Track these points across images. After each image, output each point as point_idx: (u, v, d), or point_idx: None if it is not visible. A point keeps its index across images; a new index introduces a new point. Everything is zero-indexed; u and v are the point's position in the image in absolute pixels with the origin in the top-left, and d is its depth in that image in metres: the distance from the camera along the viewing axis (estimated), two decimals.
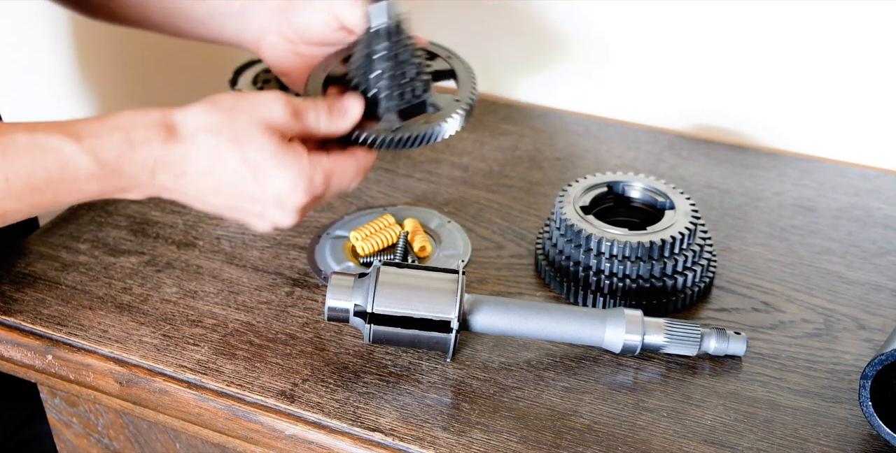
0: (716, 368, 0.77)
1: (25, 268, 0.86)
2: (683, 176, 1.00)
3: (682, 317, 0.82)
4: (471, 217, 0.93)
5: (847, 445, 0.70)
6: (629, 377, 0.76)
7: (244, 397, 0.74)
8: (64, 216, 0.93)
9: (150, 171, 0.70)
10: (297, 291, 0.84)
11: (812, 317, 0.82)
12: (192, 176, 0.70)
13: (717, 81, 1.07)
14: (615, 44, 1.09)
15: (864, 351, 0.78)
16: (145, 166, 0.69)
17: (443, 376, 0.75)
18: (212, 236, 0.91)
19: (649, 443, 0.70)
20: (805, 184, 0.99)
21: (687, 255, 0.81)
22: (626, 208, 0.87)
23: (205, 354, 0.77)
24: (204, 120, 0.70)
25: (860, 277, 0.86)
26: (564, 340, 0.76)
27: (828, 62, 1.01)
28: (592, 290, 0.81)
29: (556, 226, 0.83)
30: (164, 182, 0.71)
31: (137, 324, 0.80)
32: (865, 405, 0.69)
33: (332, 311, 0.74)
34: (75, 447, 0.89)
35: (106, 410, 0.84)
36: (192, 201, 0.73)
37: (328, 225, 0.92)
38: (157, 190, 0.71)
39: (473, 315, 0.75)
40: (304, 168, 0.71)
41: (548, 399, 0.74)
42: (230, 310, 0.82)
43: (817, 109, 1.04)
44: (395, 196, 0.96)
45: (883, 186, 0.99)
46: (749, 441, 0.70)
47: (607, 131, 1.08)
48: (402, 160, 1.02)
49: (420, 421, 0.72)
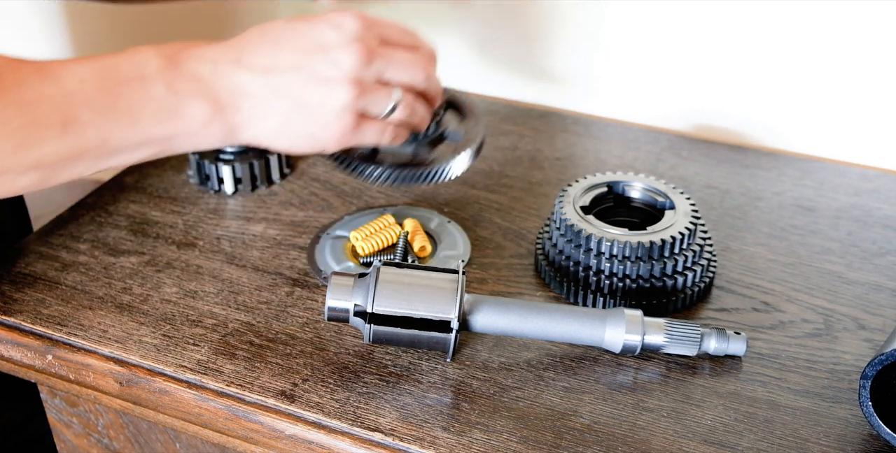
0: (716, 368, 0.77)
1: (25, 268, 0.86)
2: (683, 176, 1.00)
3: (682, 317, 0.82)
4: (471, 217, 0.93)
5: (847, 445, 0.70)
6: (629, 377, 0.76)
7: (244, 397, 0.74)
8: (64, 216, 0.93)
9: (211, 63, 0.70)
10: (297, 291, 0.84)
11: (812, 317, 0.82)
12: (248, 52, 0.70)
13: (717, 81, 1.07)
14: (615, 44, 1.09)
15: (864, 351, 0.78)
16: (206, 57, 0.70)
17: (443, 376, 0.75)
18: (212, 236, 0.91)
19: (649, 443, 0.70)
20: (805, 184, 0.99)
21: (687, 255, 0.81)
22: (626, 208, 0.87)
23: (205, 354, 0.77)
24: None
25: (860, 277, 0.86)
26: (564, 340, 0.76)
27: (828, 62, 1.01)
28: (592, 290, 0.81)
29: (556, 226, 0.83)
30: (225, 73, 0.70)
31: (137, 324, 0.80)
32: (865, 405, 0.69)
33: (332, 311, 0.74)
34: (75, 447, 0.89)
35: (106, 410, 0.84)
36: (260, 81, 0.71)
37: (328, 225, 0.92)
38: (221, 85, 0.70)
39: (473, 315, 0.75)
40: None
41: (548, 399, 0.74)
42: (230, 310, 0.82)
43: (817, 109, 1.04)
44: (395, 196, 0.96)
45: (883, 186, 0.99)
46: (749, 441, 0.70)
47: (607, 131, 1.08)
48: None
49: (420, 421, 0.72)
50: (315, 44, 0.71)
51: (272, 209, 0.94)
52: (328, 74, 0.71)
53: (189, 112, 0.69)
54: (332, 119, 0.71)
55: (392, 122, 0.75)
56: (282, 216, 0.93)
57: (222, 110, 0.70)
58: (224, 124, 0.71)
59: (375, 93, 0.73)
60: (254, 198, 0.96)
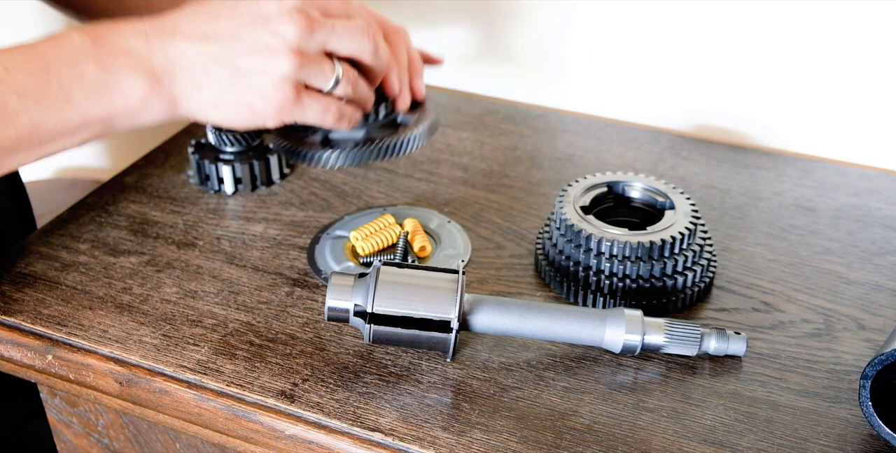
0: (716, 368, 0.77)
1: (25, 268, 0.86)
2: (683, 176, 1.00)
3: (682, 317, 0.82)
4: (471, 217, 0.93)
5: (847, 445, 0.70)
6: (629, 377, 0.76)
7: (244, 397, 0.74)
8: (64, 216, 0.93)
9: (143, 36, 0.68)
10: (297, 291, 0.84)
11: (812, 317, 0.82)
12: (184, 22, 0.68)
13: (717, 81, 1.07)
14: (615, 44, 1.09)
15: (864, 351, 0.78)
16: (136, 32, 0.68)
17: (443, 376, 0.75)
18: (212, 236, 0.91)
19: (649, 443, 0.70)
20: (805, 184, 0.99)
21: (687, 255, 0.81)
22: (626, 208, 0.87)
23: (205, 354, 0.77)
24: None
25: (860, 277, 0.86)
26: (564, 340, 0.76)
27: (827, 62, 1.01)
28: (592, 290, 0.81)
29: (556, 226, 0.83)
30: (159, 44, 0.68)
31: (137, 323, 0.80)
32: (865, 405, 0.69)
33: (332, 311, 0.74)
34: (75, 447, 0.89)
35: (106, 410, 0.84)
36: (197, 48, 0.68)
37: (328, 225, 0.92)
38: (156, 56, 0.68)
39: (473, 315, 0.75)
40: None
41: (548, 399, 0.74)
42: (230, 310, 0.82)
43: (817, 109, 1.04)
44: (395, 196, 0.96)
45: (883, 186, 0.99)
46: (749, 441, 0.70)
47: (607, 131, 1.08)
48: (402, 160, 1.02)
49: (420, 421, 0.72)
50: (255, 14, 0.69)
51: (272, 209, 0.94)
52: (268, 43, 0.68)
53: (124, 87, 0.68)
54: (272, 89, 0.69)
55: (335, 98, 0.72)
56: (282, 216, 0.93)
57: (159, 82, 0.68)
58: (162, 97, 0.69)
59: (318, 64, 0.70)
60: (254, 198, 0.96)
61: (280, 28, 0.68)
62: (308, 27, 0.69)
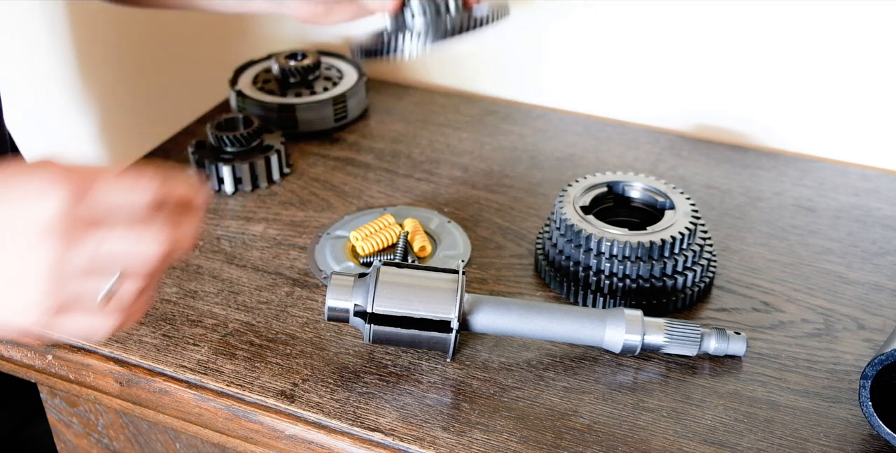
0: (716, 368, 0.77)
1: None
2: (683, 176, 1.00)
3: (682, 317, 0.82)
4: (471, 217, 0.93)
5: (847, 445, 0.70)
6: (629, 377, 0.76)
7: (244, 397, 0.74)
8: None
9: None
10: (297, 291, 0.84)
11: (812, 317, 0.82)
12: None
13: (717, 81, 1.07)
14: (615, 44, 1.09)
15: (864, 351, 0.78)
16: None
17: (443, 376, 0.76)
18: (212, 236, 0.91)
19: (649, 443, 0.70)
20: (805, 184, 0.99)
21: (687, 255, 0.81)
22: (626, 208, 0.87)
23: (205, 354, 0.77)
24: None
25: (860, 277, 0.86)
26: (564, 340, 0.76)
27: (827, 62, 1.01)
28: (592, 290, 0.81)
29: (556, 226, 0.83)
30: None
31: (137, 323, 0.80)
32: (865, 405, 0.69)
33: (332, 311, 0.74)
34: (75, 447, 0.89)
35: (106, 410, 0.84)
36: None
37: (328, 225, 0.92)
38: None
39: (473, 315, 0.75)
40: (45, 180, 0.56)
41: (548, 399, 0.74)
42: (230, 310, 0.82)
43: (817, 109, 1.04)
44: (395, 196, 0.96)
45: (883, 186, 0.99)
46: (749, 441, 0.70)
47: (607, 131, 1.08)
48: (402, 160, 1.02)
49: (420, 421, 0.72)
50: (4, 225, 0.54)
51: (272, 209, 0.94)
52: (16, 267, 0.55)
53: None
54: (23, 310, 0.56)
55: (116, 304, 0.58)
56: (282, 216, 0.93)
57: None
58: None
59: (80, 285, 0.56)
60: (254, 198, 0.96)
61: (31, 248, 0.55)
62: (67, 246, 0.55)
